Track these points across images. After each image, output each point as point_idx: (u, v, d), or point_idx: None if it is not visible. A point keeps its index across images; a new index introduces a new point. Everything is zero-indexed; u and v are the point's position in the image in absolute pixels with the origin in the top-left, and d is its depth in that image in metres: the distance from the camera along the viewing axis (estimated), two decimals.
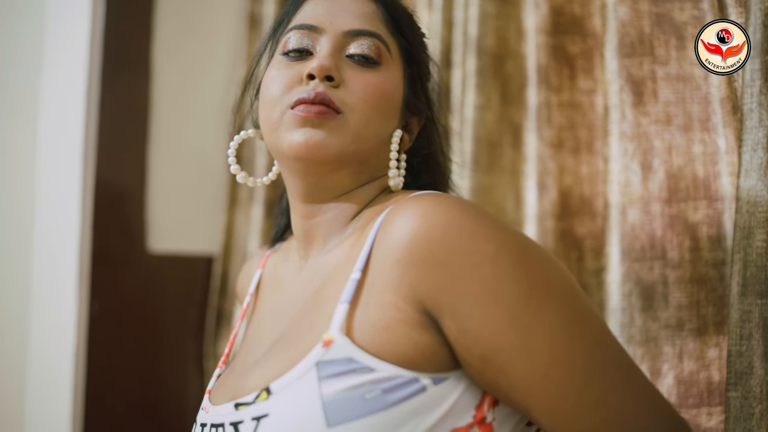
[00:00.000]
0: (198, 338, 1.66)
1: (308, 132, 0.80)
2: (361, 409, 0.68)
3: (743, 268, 1.05)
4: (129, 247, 1.58)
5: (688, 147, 1.24)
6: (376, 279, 0.73)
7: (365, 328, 0.72)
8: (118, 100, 1.57)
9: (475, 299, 0.69)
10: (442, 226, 0.70)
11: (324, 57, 0.82)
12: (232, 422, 0.77)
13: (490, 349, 0.69)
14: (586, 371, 0.70)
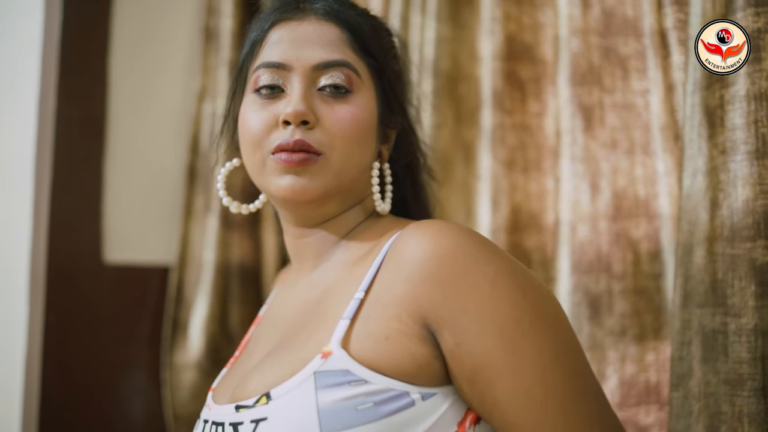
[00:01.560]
0: (154, 348, 1.67)
1: (292, 179, 0.85)
2: (354, 420, 0.73)
3: (684, 281, 1.16)
4: (85, 257, 1.58)
5: (631, 169, 1.36)
6: (380, 295, 0.79)
7: (364, 340, 0.77)
8: (74, 109, 1.56)
9: (472, 315, 0.75)
10: (450, 248, 0.77)
11: (297, 102, 0.85)
12: (231, 423, 0.82)
13: (481, 363, 0.75)
14: (566, 395, 0.77)
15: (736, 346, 1.09)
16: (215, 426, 0.85)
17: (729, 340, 1.10)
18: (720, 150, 1.11)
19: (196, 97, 1.75)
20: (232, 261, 1.74)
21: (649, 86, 1.36)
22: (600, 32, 1.36)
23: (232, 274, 1.74)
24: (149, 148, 1.71)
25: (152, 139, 1.72)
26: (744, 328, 1.08)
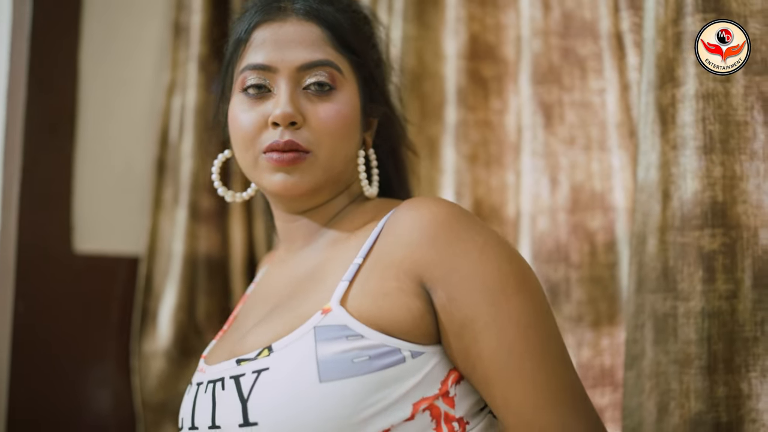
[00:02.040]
0: (123, 337, 1.69)
1: (284, 177, 0.91)
2: (349, 371, 0.80)
3: (638, 269, 1.24)
4: (55, 247, 1.59)
5: (588, 164, 1.44)
6: (379, 259, 0.86)
7: (362, 298, 0.84)
8: (44, 101, 1.58)
9: (463, 275, 0.83)
10: (445, 217, 0.86)
11: (284, 104, 0.90)
12: (232, 376, 0.87)
13: (469, 318, 0.82)
14: (543, 355, 0.84)
15: (684, 328, 1.17)
16: (210, 384, 0.90)
17: (678, 323, 1.18)
18: (671, 145, 1.19)
19: (165, 91, 1.77)
20: (200, 253, 1.78)
21: (605, 86, 1.43)
22: (560, 34, 1.43)
23: (199, 266, 1.77)
24: (119, 140, 1.73)
25: (122, 132, 1.74)
26: (692, 311, 1.16)
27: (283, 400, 0.80)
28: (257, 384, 0.83)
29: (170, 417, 1.72)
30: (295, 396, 0.80)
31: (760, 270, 1.16)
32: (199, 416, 0.91)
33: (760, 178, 1.17)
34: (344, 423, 0.79)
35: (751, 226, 1.16)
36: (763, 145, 1.17)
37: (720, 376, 1.16)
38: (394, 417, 0.81)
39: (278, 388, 0.81)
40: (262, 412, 0.81)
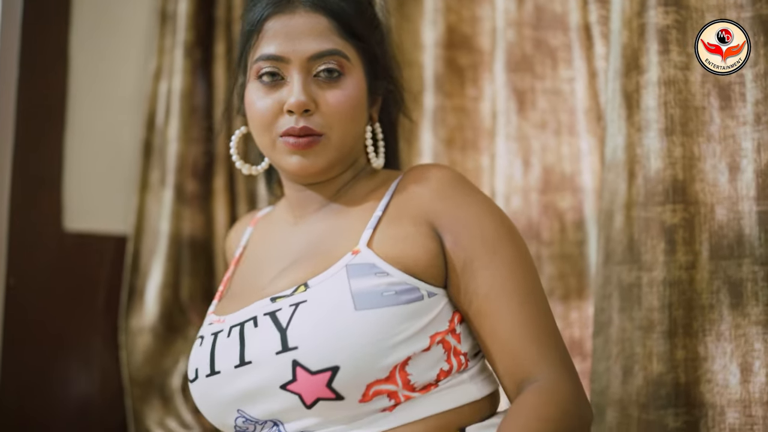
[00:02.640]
0: (110, 313, 1.75)
1: (300, 159, 1.00)
2: (380, 302, 0.90)
3: (606, 243, 1.34)
4: (45, 225, 1.64)
5: (558, 148, 1.53)
6: (398, 211, 0.99)
7: (386, 242, 0.96)
8: (35, 85, 1.63)
9: (465, 224, 0.97)
10: (451, 178, 1.01)
11: (298, 93, 0.97)
12: (266, 312, 0.94)
13: (469, 258, 0.96)
14: (528, 294, 0.96)
15: (648, 296, 1.28)
16: (236, 327, 0.97)
17: (642, 292, 1.28)
18: (636, 128, 1.29)
19: (152, 77, 1.83)
20: (185, 234, 1.84)
21: (574, 74, 1.53)
22: (533, 25, 1.53)
23: (184, 247, 1.83)
24: (107, 123, 1.78)
25: (110, 116, 1.79)
26: (655, 281, 1.27)
27: (322, 325, 0.89)
28: (296, 314, 0.91)
29: (156, 392, 1.78)
30: (333, 322, 0.89)
31: (716, 243, 1.26)
32: (222, 360, 0.97)
33: (716, 158, 1.27)
34: (375, 348, 0.88)
35: (708, 203, 1.27)
36: (718, 129, 1.27)
37: (679, 340, 1.26)
38: (415, 347, 0.91)
39: (318, 316, 0.90)
40: (302, 337, 0.90)
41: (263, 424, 0.96)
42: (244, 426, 0.98)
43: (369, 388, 0.90)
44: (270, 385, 0.91)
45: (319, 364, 0.88)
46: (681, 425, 1.26)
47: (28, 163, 1.61)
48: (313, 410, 0.91)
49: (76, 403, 1.70)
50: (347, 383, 0.88)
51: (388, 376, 0.90)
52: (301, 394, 0.90)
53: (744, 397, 1.24)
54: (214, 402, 0.98)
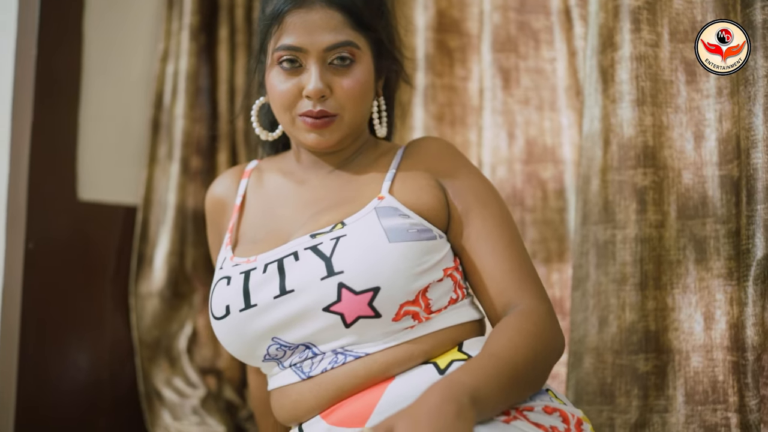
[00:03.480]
0: (121, 278, 1.85)
1: (316, 136, 1.13)
2: (407, 236, 1.06)
3: (584, 205, 1.46)
4: (61, 195, 1.74)
5: (541, 122, 1.66)
6: (410, 168, 1.16)
7: (404, 190, 1.12)
8: (52, 67, 1.72)
9: (462, 180, 1.15)
10: (450, 146, 1.21)
11: (316, 81, 1.09)
12: (307, 247, 1.08)
13: (466, 208, 1.13)
14: (512, 240, 1.13)
15: (621, 252, 1.40)
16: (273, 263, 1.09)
17: (616, 248, 1.41)
18: (611, 100, 1.42)
19: (159, 59, 1.93)
20: (189, 207, 1.95)
21: (556, 55, 1.66)
22: (516, 9, 1.66)
23: (188, 218, 1.94)
24: (118, 101, 1.89)
25: (121, 94, 1.90)
26: (627, 238, 1.39)
27: (363, 254, 1.04)
28: (338, 245, 1.05)
29: (163, 353, 1.88)
30: (372, 251, 1.04)
31: (682, 204, 1.39)
32: (258, 293, 1.07)
33: (683, 127, 1.40)
34: (405, 273, 1.03)
35: (676, 168, 1.40)
36: (685, 101, 1.40)
37: (650, 292, 1.39)
38: (432, 277, 1.07)
39: (359, 246, 1.05)
40: (346, 264, 1.03)
41: (295, 349, 1.07)
42: (277, 353, 1.09)
43: (401, 307, 1.04)
44: (313, 309, 1.04)
45: (363, 285, 1.02)
46: (651, 369, 1.38)
47: (45, 136, 1.72)
48: (351, 329, 1.04)
49: (88, 362, 1.80)
50: (385, 302, 1.03)
51: (414, 299, 1.04)
52: (344, 313, 1.03)
53: (707, 343, 1.36)
54: (248, 334, 1.08)
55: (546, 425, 1.01)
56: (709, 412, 1.36)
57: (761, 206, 1.25)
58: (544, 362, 1.07)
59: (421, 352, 1.06)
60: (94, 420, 1.80)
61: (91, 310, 1.81)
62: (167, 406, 1.82)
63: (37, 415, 1.70)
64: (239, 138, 2.02)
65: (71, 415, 1.77)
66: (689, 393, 1.36)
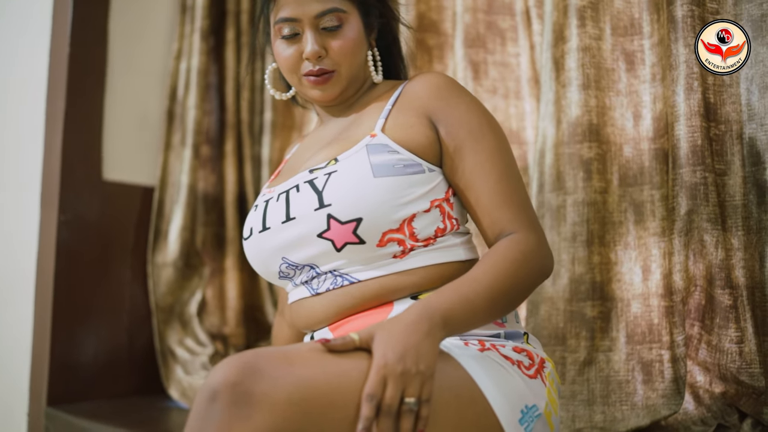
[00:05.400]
0: (139, 249, 2.10)
1: (320, 92, 1.27)
2: (392, 171, 1.14)
3: (540, 175, 1.69)
4: (89, 174, 1.99)
5: (507, 109, 1.90)
6: (403, 106, 1.23)
7: (395, 128, 1.20)
8: (82, 63, 1.98)
9: (456, 117, 1.21)
10: (446, 81, 1.24)
11: (311, 44, 1.23)
12: (306, 180, 1.18)
13: (459, 144, 1.19)
14: (505, 173, 1.19)
15: (571, 214, 1.62)
16: (283, 194, 1.21)
17: (567, 211, 1.63)
18: (562, 84, 1.65)
19: (174, 57, 2.19)
20: (199, 190, 2.19)
21: (519, 51, 1.90)
22: (485, 11, 1.90)
23: (198, 200, 2.19)
24: (138, 94, 2.14)
25: (140, 87, 2.15)
26: (576, 202, 1.62)
27: (349, 187, 1.14)
28: (329, 180, 1.16)
29: (176, 317, 2.12)
30: (357, 185, 1.13)
31: (624, 174, 1.61)
32: (271, 218, 1.21)
33: (623, 108, 1.63)
34: (388, 205, 1.13)
35: (618, 142, 1.62)
36: (625, 86, 1.63)
37: (596, 248, 1.60)
38: (418, 207, 1.15)
39: (346, 181, 1.15)
40: (334, 197, 1.14)
41: (302, 268, 1.20)
42: (287, 271, 1.22)
43: (384, 235, 1.14)
44: (309, 235, 1.15)
45: (347, 216, 1.13)
46: (597, 314, 1.58)
47: (75, 123, 1.97)
48: (342, 253, 1.15)
49: (110, 323, 2.04)
50: (368, 230, 1.13)
51: (398, 227, 1.14)
52: (333, 240, 1.14)
53: (644, 292, 1.55)
54: (264, 252, 1.22)
55: (513, 359, 1.14)
56: (646, 350, 1.55)
57: (682, 170, 1.48)
58: (525, 288, 1.16)
59: (411, 284, 1.16)
60: (116, 374, 2.04)
61: (114, 277, 2.05)
62: (180, 363, 2.05)
63: (68, 371, 1.94)
64: (244, 129, 2.26)
65: (96, 370, 2.01)
66: (630, 335, 1.55)
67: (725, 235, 1.47)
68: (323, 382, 0.96)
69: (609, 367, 1.58)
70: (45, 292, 1.91)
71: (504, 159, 1.21)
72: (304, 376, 0.95)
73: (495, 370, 1.11)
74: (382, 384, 0.97)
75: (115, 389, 2.03)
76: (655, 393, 1.54)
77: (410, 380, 0.98)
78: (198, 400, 0.93)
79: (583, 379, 1.59)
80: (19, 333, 1.99)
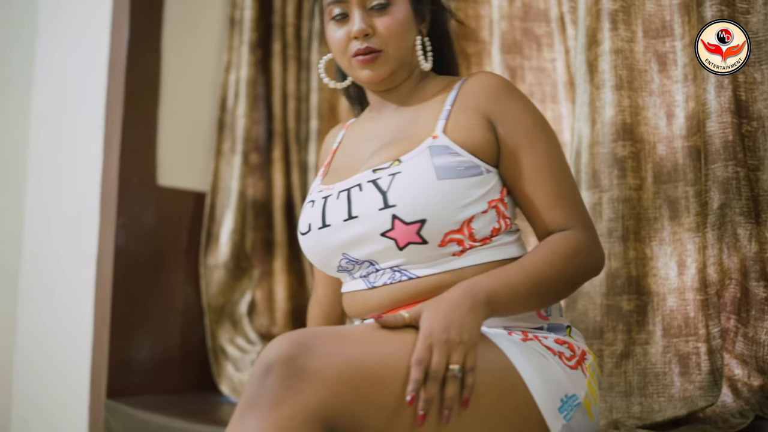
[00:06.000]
0: (192, 251, 2.20)
1: (369, 71, 1.28)
2: (454, 173, 1.17)
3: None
4: (144, 180, 2.11)
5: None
6: (463, 107, 1.25)
7: (456, 130, 1.22)
8: (138, 74, 2.11)
9: (513, 119, 1.24)
10: (504, 83, 1.27)
11: (359, 23, 1.25)
12: (369, 180, 1.20)
13: (516, 145, 1.22)
14: (560, 174, 1.24)
15: (607, 211, 1.65)
16: (344, 192, 1.23)
17: (603, 208, 1.66)
18: (596, 86, 1.70)
19: (223, 69, 2.30)
20: (248, 195, 2.29)
21: (555, 56, 1.96)
22: (521, 18, 1.97)
23: (248, 205, 2.29)
24: (190, 104, 2.26)
25: (192, 98, 2.27)
26: (611, 199, 1.66)
27: (414, 189, 1.16)
28: (394, 181, 1.18)
29: (227, 316, 2.21)
30: (422, 187, 1.16)
31: (658, 171, 1.65)
32: (332, 215, 1.23)
33: (656, 108, 1.67)
34: (452, 207, 1.16)
35: (651, 141, 1.66)
36: (658, 86, 1.67)
37: (631, 243, 1.64)
38: (477, 208, 1.19)
39: (411, 182, 1.17)
40: (399, 198, 1.16)
41: (361, 264, 1.23)
42: (347, 266, 1.24)
43: (446, 236, 1.16)
44: (372, 233, 1.18)
45: (412, 217, 1.15)
46: (633, 308, 1.61)
47: (131, 131, 2.09)
48: (403, 252, 1.17)
49: (164, 322, 2.14)
50: (431, 231, 1.15)
51: (459, 228, 1.17)
52: (396, 239, 1.17)
53: (680, 286, 1.58)
54: (324, 248, 1.25)
55: (555, 350, 1.18)
56: (683, 343, 1.57)
57: (714, 165, 1.51)
58: (572, 282, 1.21)
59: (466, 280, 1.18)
60: (170, 370, 2.14)
61: (168, 278, 2.15)
62: (230, 360, 2.14)
63: (125, 367, 2.05)
64: (291, 136, 2.36)
65: (152, 366, 2.11)
66: (666, 328, 1.58)
67: (759, 228, 1.50)
68: (373, 361, 1.02)
69: (646, 360, 1.61)
70: (104, 292, 2.02)
71: (558, 159, 1.26)
72: (354, 354, 1.01)
73: (536, 359, 1.15)
74: (428, 351, 1.03)
75: (169, 385, 2.12)
76: (692, 385, 1.57)
77: (454, 348, 1.04)
78: (253, 373, 1.00)
79: (621, 371, 1.62)
80: (80, 331, 2.11)
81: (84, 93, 2.19)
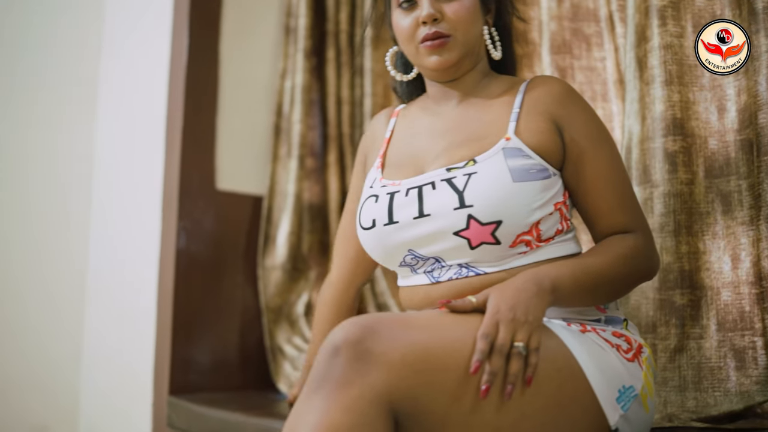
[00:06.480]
0: (250, 254, 2.27)
1: (437, 57, 1.28)
2: (527, 176, 1.20)
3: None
4: (204, 184, 2.18)
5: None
6: (531, 110, 1.27)
7: (526, 133, 1.25)
8: (197, 82, 2.19)
9: (579, 125, 1.28)
10: (569, 89, 1.32)
11: (427, 7, 1.25)
12: (443, 179, 1.22)
13: (582, 151, 1.26)
14: (623, 181, 1.29)
15: (658, 205, 1.65)
16: (414, 189, 1.25)
17: (654, 203, 1.67)
18: (645, 83, 1.71)
19: (279, 75, 2.37)
20: (304, 199, 2.35)
21: (605, 55, 1.97)
22: (570, 18, 1.98)
23: (304, 208, 2.34)
24: (247, 110, 2.33)
25: (249, 104, 2.34)
26: (662, 194, 1.66)
27: (491, 190, 1.19)
28: (470, 181, 1.20)
29: (285, 317, 2.27)
30: (499, 188, 1.18)
31: (709, 166, 1.65)
32: (400, 213, 1.24)
33: (707, 102, 1.67)
34: (525, 208, 1.19)
35: (702, 135, 1.66)
36: (708, 80, 1.68)
37: (683, 238, 1.63)
38: (545, 211, 1.22)
39: (488, 183, 1.19)
40: (476, 198, 1.18)
41: (426, 260, 1.25)
42: (411, 261, 1.26)
43: (517, 237, 1.20)
44: (445, 232, 1.20)
45: (488, 218, 1.18)
46: (686, 302, 1.61)
47: (191, 137, 2.17)
48: (475, 251, 1.20)
49: (223, 322, 2.20)
50: (505, 233, 1.19)
51: (529, 230, 1.20)
52: (470, 238, 1.19)
53: (734, 280, 1.57)
54: (389, 244, 1.27)
55: (612, 342, 1.20)
56: (738, 337, 1.56)
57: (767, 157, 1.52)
58: (629, 281, 1.26)
59: None
60: (229, 369, 2.21)
61: (227, 279, 2.22)
62: (288, 359, 2.19)
63: (186, 365, 2.12)
64: (345, 141, 2.41)
65: (212, 365, 2.18)
66: (720, 322, 1.57)
67: None
68: (437, 347, 1.05)
69: (700, 354, 1.60)
70: (166, 293, 2.09)
71: (619, 166, 1.30)
72: (419, 339, 1.05)
73: (594, 350, 1.17)
74: (495, 327, 1.07)
75: (229, 383, 2.19)
76: (748, 379, 1.56)
77: (520, 327, 1.08)
78: (320, 355, 1.04)
79: (675, 366, 1.62)
80: (144, 330, 2.19)
81: (146, 103, 2.29)
